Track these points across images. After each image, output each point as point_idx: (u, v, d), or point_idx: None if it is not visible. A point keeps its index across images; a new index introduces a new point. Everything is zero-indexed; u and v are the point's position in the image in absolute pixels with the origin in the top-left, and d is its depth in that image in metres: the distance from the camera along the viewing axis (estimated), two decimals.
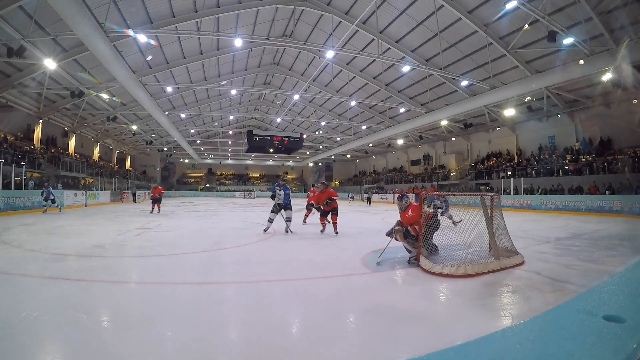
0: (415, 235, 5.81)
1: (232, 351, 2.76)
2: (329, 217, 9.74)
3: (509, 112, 23.72)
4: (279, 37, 25.00)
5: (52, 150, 25.96)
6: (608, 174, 19.56)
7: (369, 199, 33.96)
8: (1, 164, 15.95)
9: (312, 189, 15.71)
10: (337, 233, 9.37)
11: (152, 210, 16.89)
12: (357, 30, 21.11)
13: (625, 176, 18.29)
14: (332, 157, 54.79)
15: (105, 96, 25.15)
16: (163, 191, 18.15)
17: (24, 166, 18.77)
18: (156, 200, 17.12)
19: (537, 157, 25.49)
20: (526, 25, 15.59)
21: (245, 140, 33.24)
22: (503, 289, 4.47)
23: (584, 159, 21.79)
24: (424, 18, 19.46)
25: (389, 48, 22.37)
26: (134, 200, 31.57)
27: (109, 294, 4.16)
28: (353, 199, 39.65)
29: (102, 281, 4.66)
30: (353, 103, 29.56)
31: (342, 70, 27.84)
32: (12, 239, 7.94)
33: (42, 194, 16.29)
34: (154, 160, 52.44)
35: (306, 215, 12.47)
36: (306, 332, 3.17)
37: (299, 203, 16.59)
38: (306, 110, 38.59)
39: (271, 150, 32.69)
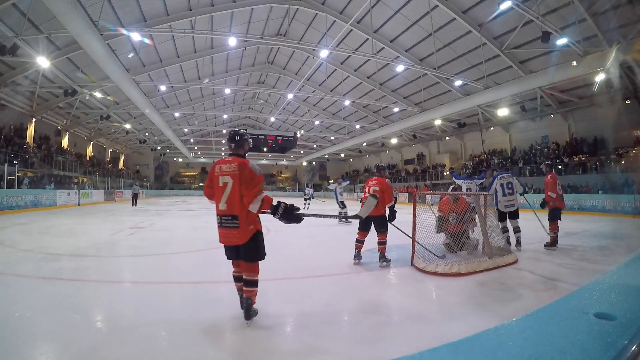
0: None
1: (225, 350, 2.76)
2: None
3: (503, 112, 23.86)
4: (273, 36, 24.96)
5: (46, 150, 25.68)
6: (601, 173, 19.71)
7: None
8: None
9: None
10: None
11: None
12: (352, 29, 21.09)
13: (617, 175, 18.44)
14: (326, 156, 54.79)
15: (98, 95, 24.92)
16: None
17: (16, 165, 18.59)
18: None
19: (528, 156, 25.55)
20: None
21: None
22: (496, 288, 4.50)
23: (577, 159, 21.95)
24: (419, 18, 19.49)
25: (383, 47, 22.40)
26: (134, 204, 23.39)
27: (102, 294, 4.14)
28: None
29: (96, 281, 4.64)
30: (347, 102, 29.51)
31: (336, 69, 27.81)
32: (5, 239, 7.88)
33: None
34: (148, 159, 52.13)
35: None
36: (300, 330, 3.18)
37: (295, 202, 16.42)
38: (300, 110, 38.53)
39: (265, 149, 32.61)
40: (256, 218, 3.31)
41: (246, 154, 3.48)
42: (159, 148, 48.29)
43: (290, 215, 3.19)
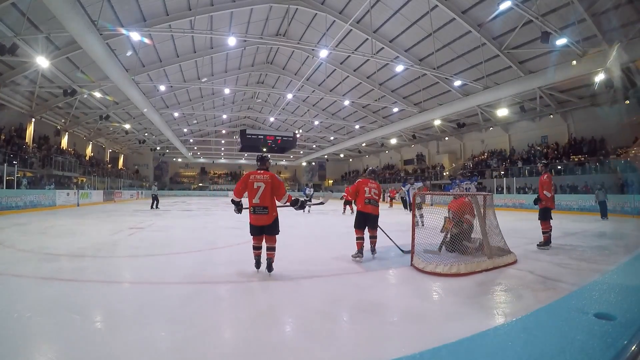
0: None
1: (225, 351, 2.76)
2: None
3: (502, 112, 23.83)
4: (273, 36, 24.92)
5: (46, 151, 25.64)
6: (600, 173, 19.72)
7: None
8: None
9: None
10: None
11: None
12: (351, 29, 21.09)
13: (617, 176, 18.45)
14: (325, 156, 54.81)
15: (97, 95, 24.89)
16: None
17: (16, 165, 18.55)
18: None
19: (527, 156, 25.56)
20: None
21: (239, 140, 33.07)
22: (496, 288, 4.50)
23: (576, 159, 21.96)
24: (418, 18, 19.47)
25: (383, 47, 22.37)
26: (156, 206, 20.48)
27: (101, 294, 4.13)
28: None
29: (95, 281, 4.63)
30: (346, 102, 29.50)
31: (335, 69, 27.77)
32: (4, 239, 7.87)
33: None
34: (147, 159, 52.09)
35: None
36: (299, 331, 3.17)
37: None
38: (299, 110, 38.39)
39: (264, 149, 32.60)
40: (277, 208, 5.02)
41: (268, 168, 5.23)
42: (158, 148, 48.18)
43: (302, 207, 5.45)
